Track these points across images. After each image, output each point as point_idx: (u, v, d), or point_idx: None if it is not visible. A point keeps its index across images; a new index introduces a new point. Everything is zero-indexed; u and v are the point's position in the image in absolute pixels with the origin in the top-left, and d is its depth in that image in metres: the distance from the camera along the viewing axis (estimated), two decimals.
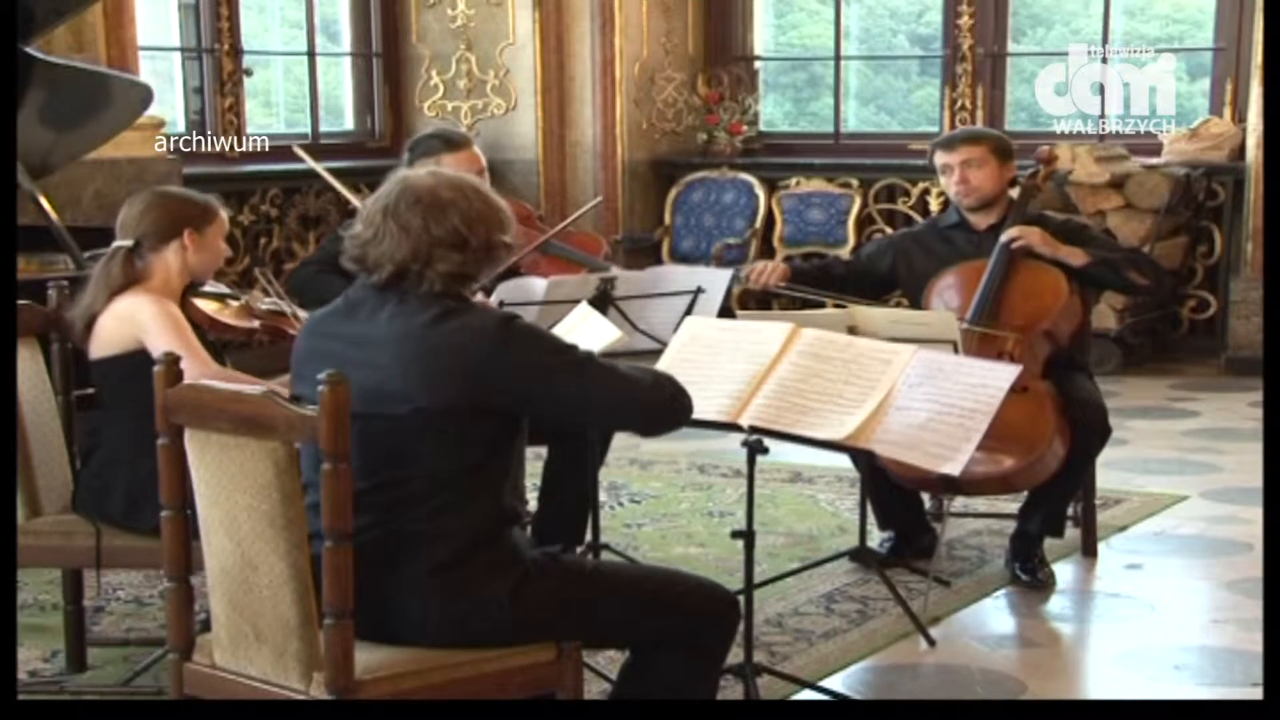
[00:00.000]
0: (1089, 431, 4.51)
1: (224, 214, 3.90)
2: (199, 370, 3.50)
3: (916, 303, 4.73)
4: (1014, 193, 4.80)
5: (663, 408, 2.99)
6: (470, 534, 2.83)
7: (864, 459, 4.34)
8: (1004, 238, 4.63)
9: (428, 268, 2.84)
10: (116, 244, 3.75)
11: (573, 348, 2.93)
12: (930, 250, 4.82)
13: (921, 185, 8.62)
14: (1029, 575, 4.62)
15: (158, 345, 3.52)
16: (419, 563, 2.80)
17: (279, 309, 4.23)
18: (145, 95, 5.81)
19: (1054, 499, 4.61)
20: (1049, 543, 4.72)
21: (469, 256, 2.87)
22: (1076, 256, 4.62)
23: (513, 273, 4.33)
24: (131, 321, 3.64)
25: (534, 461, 4.61)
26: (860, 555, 4.69)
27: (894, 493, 4.65)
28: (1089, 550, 4.88)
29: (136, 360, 3.56)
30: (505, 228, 2.93)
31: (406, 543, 2.81)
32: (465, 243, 2.86)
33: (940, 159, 4.79)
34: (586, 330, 3.70)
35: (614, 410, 3.00)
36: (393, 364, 2.79)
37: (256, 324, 4.18)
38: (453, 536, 2.81)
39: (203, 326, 3.88)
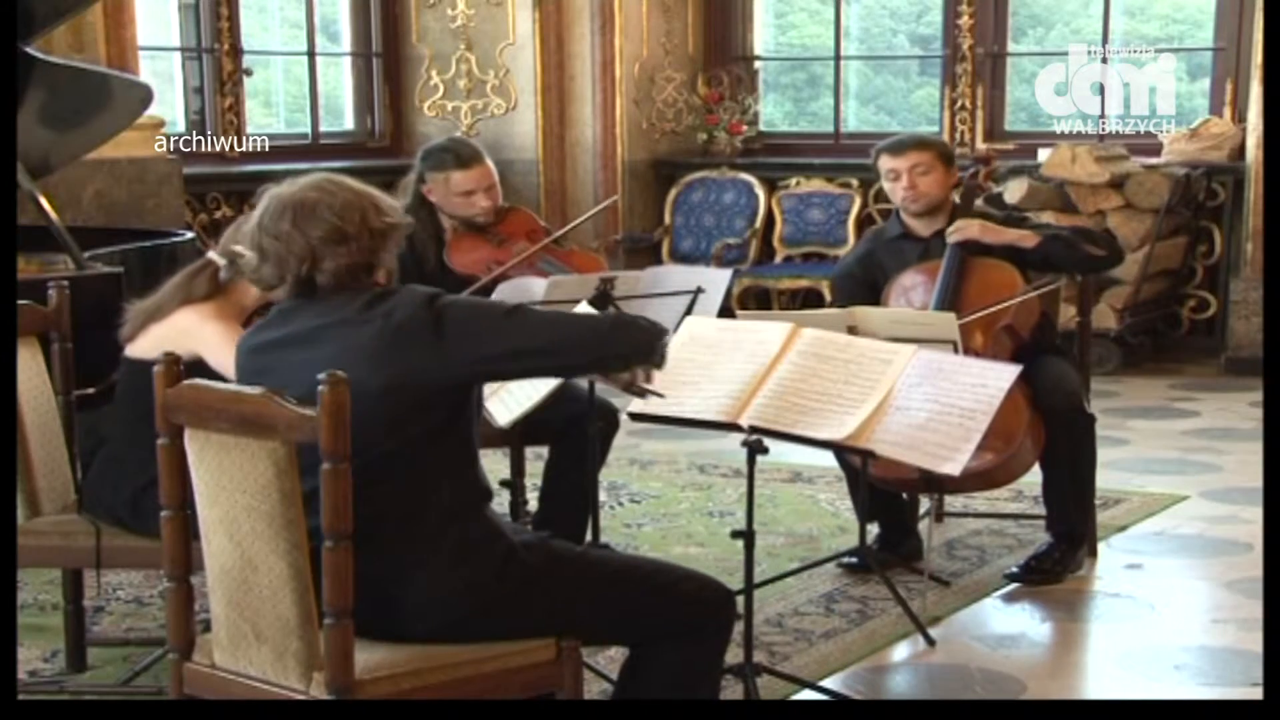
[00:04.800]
0: (1060, 415, 4.46)
1: None
2: None
3: None
4: (956, 196, 4.79)
5: (607, 341, 2.93)
6: (443, 513, 2.82)
7: (850, 457, 4.34)
8: (947, 237, 4.61)
9: (316, 269, 2.86)
10: (211, 257, 3.62)
11: (500, 304, 2.99)
12: (883, 264, 4.75)
13: None
14: (1027, 574, 4.62)
15: (220, 361, 3.45)
16: (397, 545, 2.79)
17: None
18: (145, 95, 5.81)
19: (1054, 495, 4.63)
20: None
21: (355, 246, 2.87)
22: (1027, 239, 4.59)
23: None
24: (188, 335, 3.53)
25: (534, 461, 4.63)
26: (860, 555, 4.69)
27: (874, 492, 4.61)
28: (1089, 550, 4.88)
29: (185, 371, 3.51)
30: (381, 209, 2.92)
31: (380, 525, 2.78)
32: (344, 234, 2.86)
33: (888, 164, 4.74)
34: None
35: (557, 353, 2.90)
36: (339, 351, 2.79)
37: None
38: (425, 516, 2.81)
39: None
